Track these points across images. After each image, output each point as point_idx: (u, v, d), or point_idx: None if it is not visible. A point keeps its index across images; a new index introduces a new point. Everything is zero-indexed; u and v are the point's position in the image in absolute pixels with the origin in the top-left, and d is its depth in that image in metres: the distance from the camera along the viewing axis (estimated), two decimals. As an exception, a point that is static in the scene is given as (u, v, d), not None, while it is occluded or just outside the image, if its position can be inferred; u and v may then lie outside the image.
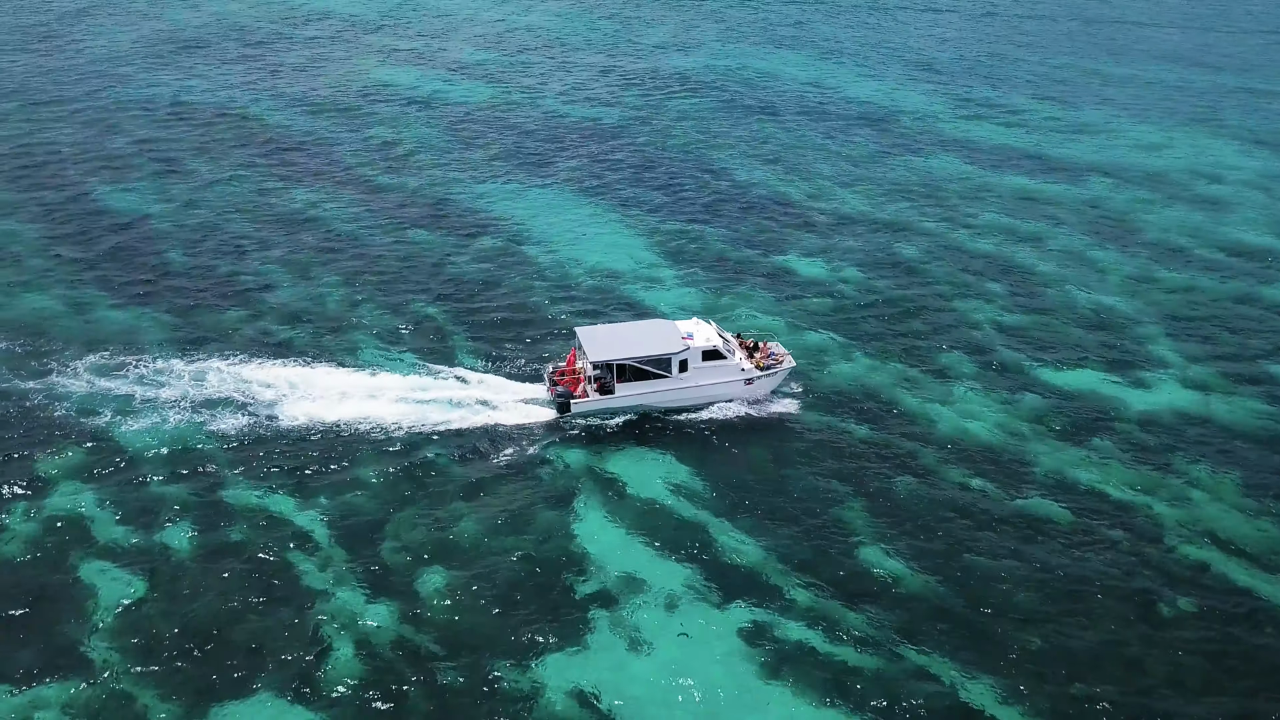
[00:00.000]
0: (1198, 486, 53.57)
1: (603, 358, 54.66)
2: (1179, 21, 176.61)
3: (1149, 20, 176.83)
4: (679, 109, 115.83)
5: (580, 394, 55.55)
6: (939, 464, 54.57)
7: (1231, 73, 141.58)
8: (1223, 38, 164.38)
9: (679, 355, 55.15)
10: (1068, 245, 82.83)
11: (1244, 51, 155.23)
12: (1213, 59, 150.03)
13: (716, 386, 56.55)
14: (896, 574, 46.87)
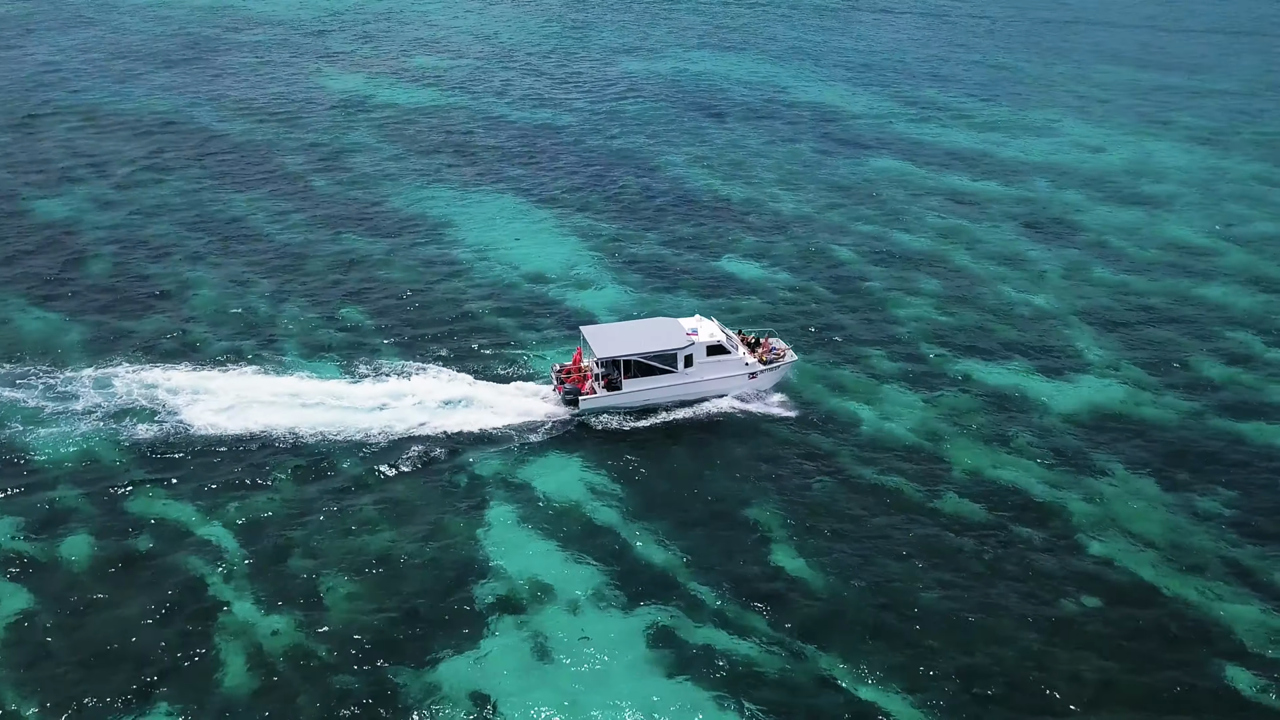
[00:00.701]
0: (1113, 484, 53.61)
1: (609, 354, 55.38)
2: (1131, 21, 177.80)
3: (1101, 20, 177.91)
4: (624, 112, 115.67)
5: (588, 390, 56.13)
6: (857, 463, 54.40)
7: (1181, 72, 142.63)
8: (1174, 38, 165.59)
9: (684, 351, 56.06)
10: (1003, 244, 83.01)
11: (1194, 51, 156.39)
12: (1162, 59, 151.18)
13: (721, 381, 57.44)
14: (804, 574, 46.62)
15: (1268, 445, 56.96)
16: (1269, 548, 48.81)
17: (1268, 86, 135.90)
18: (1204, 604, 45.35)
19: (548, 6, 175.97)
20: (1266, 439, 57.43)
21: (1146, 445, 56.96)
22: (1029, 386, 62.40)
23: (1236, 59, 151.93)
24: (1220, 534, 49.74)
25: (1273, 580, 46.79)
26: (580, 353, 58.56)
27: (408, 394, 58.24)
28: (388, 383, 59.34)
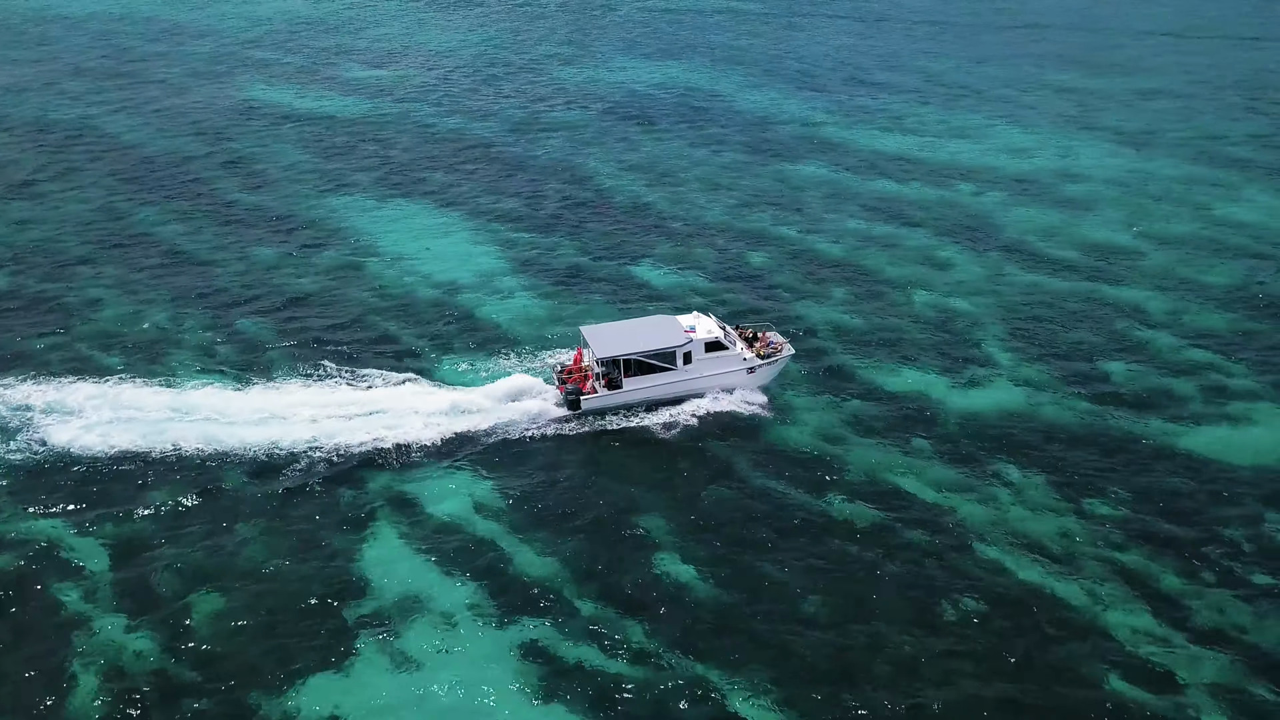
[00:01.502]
0: (1008, 487, 53.18)
1: (609, 354, 55.60)
2: (1072, 24, 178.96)
3: (1042, 23, 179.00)
4: (555, 120, 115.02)
5: (589, 390, 56.33)
6: (751, 469, 53.71)
7: (1117, 74, 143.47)
8: (1115, 39, 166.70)
9: (683, 348, 56.36)
10: (921, 247, 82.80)
11: (1134, 53, 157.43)
12: (1100, 61, 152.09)
13: (720, 376, 57.73)
14: (686, 582, 45.85)
15: (1164, 446, 56.72)
16: (1155, 550, 48.50)
17: (1202, 88, 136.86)
18: (1086, 608, 44.91)
19: (486, 16, 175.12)
20: (1163, 440, 57.22)
21: (1045, 447, 56.60)
22: (933, 389, 62.00)
23: (1175, 60, 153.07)
24: (1108, 536, 49.39)
25: (1156, 583, 46.45)
26: (581, 353, 58.65)
27: (298, 407, 57.07)
28: (277, 395, 58.22)
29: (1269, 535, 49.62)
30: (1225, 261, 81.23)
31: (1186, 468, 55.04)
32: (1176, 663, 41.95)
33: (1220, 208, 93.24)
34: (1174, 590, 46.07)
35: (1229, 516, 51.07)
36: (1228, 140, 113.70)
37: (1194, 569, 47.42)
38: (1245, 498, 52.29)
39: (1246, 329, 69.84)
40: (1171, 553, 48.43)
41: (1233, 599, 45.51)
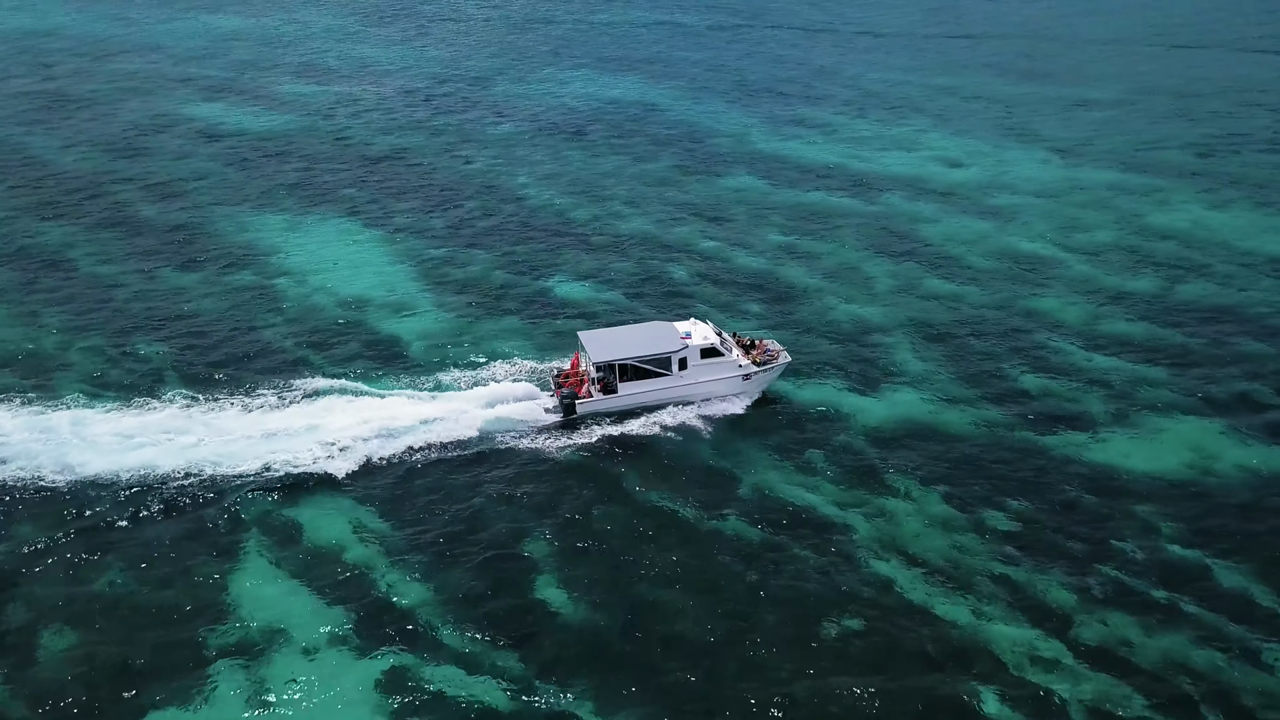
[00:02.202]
0: (907, 501, 52.14)
1: (605, 358, 55.80)
2: (1017, 33, 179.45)
3: (986, 33, 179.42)
4: (486, 134, 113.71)
5: (585, 394, 56.31)
6: (644, 488, 52.42)
7: (1054, 83, 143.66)
8: (1057, 48, 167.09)
9: (679, 354, 56.70)
10: (842, 259, 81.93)
11: (1075, 61, 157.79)
12: (1041, 69, 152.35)
13: (716, 383, 57.99)
14: (564, 608, 44.47)
15: (1068, 458, 55.90)
16: (1047, 565, 47.58)
17: (1140, 95, 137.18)
18: (970, 624, 43.83)
19: (424, 31, 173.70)
20: (1068, 451, 56.40)
21: (946, 459, 55.63)
22: (839, 401, 61.02)
23: (1113, 68, 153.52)
24: (1000, 550, 48.41)
25: (1043, 598, 45.46)
26: (578, 358, 58.71)
27: (184, 429, 55.32)
28: (164, 417, 56.38)
29: (1162, 548, 48.79)
30: (1148, 270, 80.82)
31: (1089, 479, 54.22)
32: (1057, 682, 40.94)
33: (1148, 216, 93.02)
34: (1063, 606, 45.07)
35: (1125, 529, 50.25)
36: (1161, 148, 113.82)
37: (1085, 584, 46.50)
38: (1143, 510, 51.54)
39: (1162, 338, 69.35)
40: (1064, 567, 47.49)
41: (1120, 615, 44.64)
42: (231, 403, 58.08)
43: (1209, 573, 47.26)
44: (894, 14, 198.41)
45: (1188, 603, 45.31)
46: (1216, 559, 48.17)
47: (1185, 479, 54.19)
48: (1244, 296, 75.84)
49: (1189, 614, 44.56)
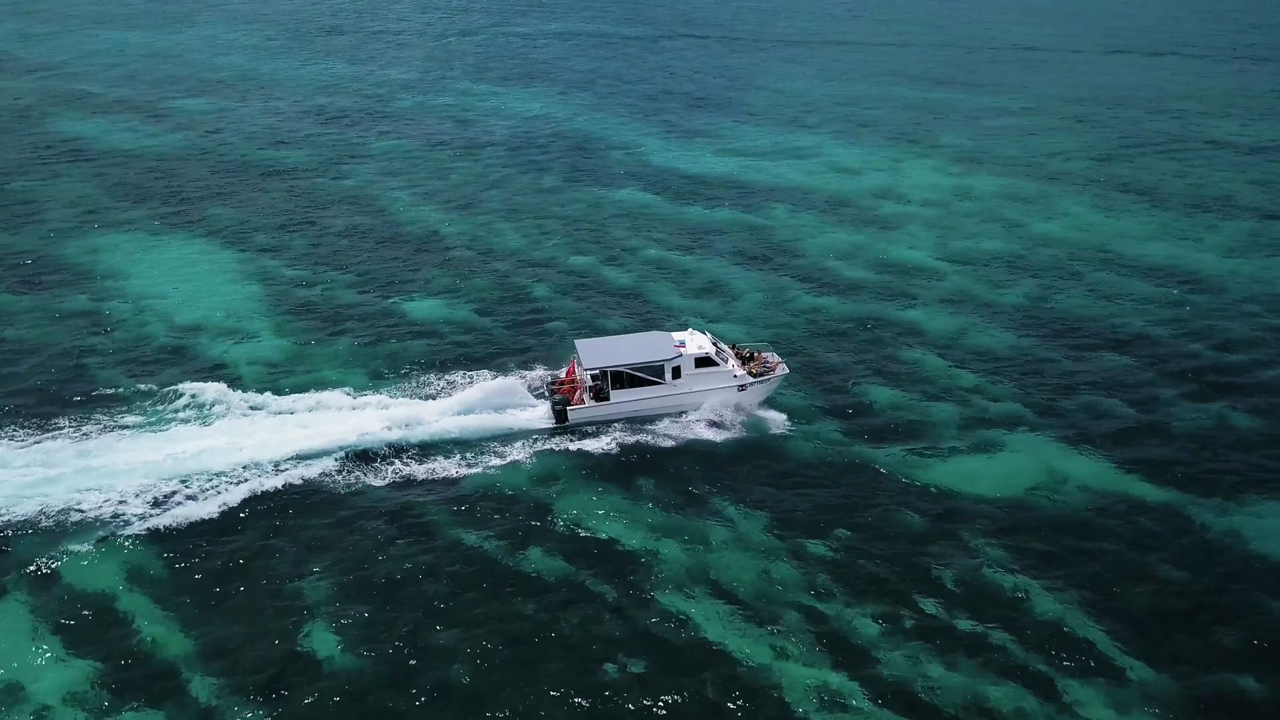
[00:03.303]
0: (725, 528, 49.62)
1: (596, 365, 55.34)
2: (938, 41, 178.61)
3: (901, 42, 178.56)
4: (368, 149, 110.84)
5: (577, 401, 55.85)
6: (450, 520, 49.60)
7: (967, 91, 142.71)
8: (973, 56, 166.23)
9: (672, 362, 56.04)
10: (714, 274, 79.52)
11: (991, 69, 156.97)
12: (959, 76, 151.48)
13: (710, 393, 57.05)
14: (330, 654, 41.50)
15: (905, 479, 53.73)
16: (861, 595, 45.15)
17: (1050, 102, 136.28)
18: (763, 663, 41.23)
19: (333, 45, 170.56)
20: (906, 472, 54.14)
21: (778, 482, 53.18)
22: (673, 423, 58.14)
23: (1029, 76, 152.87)
24: (815, 581, 45.96)
25: (849, 633, 42.99)
26: (574, 365, 58.33)
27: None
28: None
29: (983, 575, 46.48)
30: (1023, 279, 79.09)
31: (923, 502, 51.88)
32: (845, 725, 38.15)
33: (1034, 224, 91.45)
34: (868, 640, 42.51)
35: (950, 555, 47.89)
36: (1061, 155, 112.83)
37: (897, 615, 44.00)
38: (973, 534, 49.25)
39: (1024, 351, 67.57)
40: (878, 598, 45.01)
41: (926, 649, 42.11)
42: (39, 434, 54.71)
43: (1025, 602, 44.97)
44: (818, 22, 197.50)
45: (998, 634, 42.90)
46: (1038, 586, 45.92)
47: (1023, 500, 52.06)
48: (1114, 306, 74.29)
49: (996, 647, 42.20)
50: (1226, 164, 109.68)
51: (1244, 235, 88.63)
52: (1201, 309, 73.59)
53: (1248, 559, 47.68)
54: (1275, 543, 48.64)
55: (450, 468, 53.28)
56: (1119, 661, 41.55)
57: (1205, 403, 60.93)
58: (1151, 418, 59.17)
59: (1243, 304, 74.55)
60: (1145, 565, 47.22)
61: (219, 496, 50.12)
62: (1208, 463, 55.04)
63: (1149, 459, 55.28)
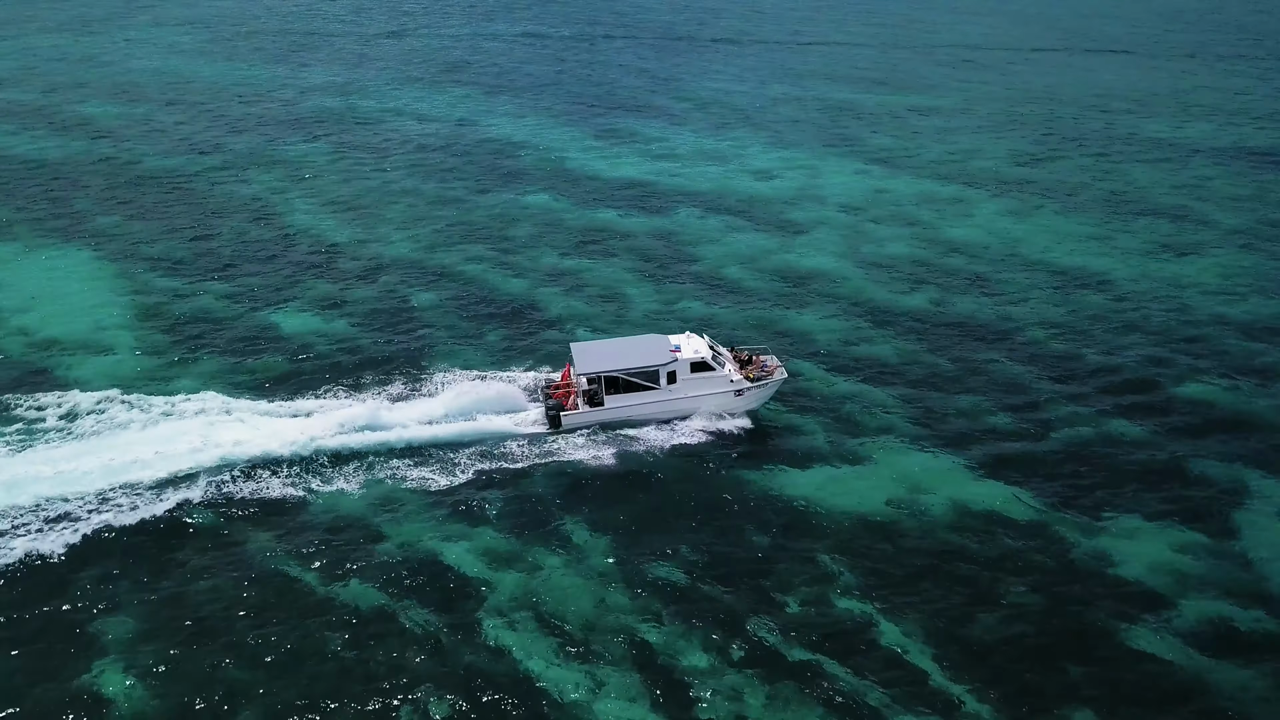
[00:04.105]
0: (567, 551, 47.27)
1: (591, 370, 54.43)
2: (884, 43, 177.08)
3: (836, 41, 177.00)
4: (276, 154, 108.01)
5: (571, 406, 54.98)
6: (267, 550, 46.81)
7: (902, 91, 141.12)
8: (907, 57, 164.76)
9: (667, 367, 55.13)
10: (607, 281, 77.28)
11: (932, 69, 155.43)
12: (893, 77, 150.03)
13: (706, 398, 56.16)
14: (118, 696, 38.70)
15: (766, 496, 51.83)
16: (694, 621, 43.21)
17: (982, 102, 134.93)
18: (573, 700, 39.05)
19: (260, 48, 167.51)
20: (769, 488, 52.25)
21: (633, 499, 51.16)
22: (531, 440, 55.74)
23: (968, 75, 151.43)
24: (649, 608, 44.08)
25: (674, 663, 41.16)
26: (569, 368, 57.26)
27: None
28: None
29: (830, 600, 44.47)
30: (924, 285, 77.21)
31: (783, 519, 49.84)
32: (650, 767, 35.79)
33: (946, 228, 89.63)
34: (692, 671, 40.25)
35: (798, 577, 45.80)
36: (984, 156, 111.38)
37: (728, 644, 41.75)
38: (828, 554, 47.22)
39: (911, 358, 65.80)
40: (712, 626, 42.85)
41: (751, 681, 39.84)
42: None
43: (869, 628, 42.86)
44: (757, 22, 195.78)
45: (831, 664, 40.73)
46: (885, 612, 43.79)
47: (887, 518, 49.95)
48: (1012, 312, 72.75)
49: (827, 678, 40.10)
50: (1152, 164, 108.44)
51: (1156, 238, 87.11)
52: (1101, 316, 71.90)
53: (1107, 584, 45.73)
54: (1139, 566, 46.66)
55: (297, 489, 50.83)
56: (955, 696, 39.44)
57: (1092, 414, 59.00)
58: (1033, 429, 57.31)
59: (1144, 310, 72.96)
60: (1000, 589, 45.15)
61: (64, 527, 47.33)
62: (1084, 478, 53.14)
63: (1024, 473, 53.39)
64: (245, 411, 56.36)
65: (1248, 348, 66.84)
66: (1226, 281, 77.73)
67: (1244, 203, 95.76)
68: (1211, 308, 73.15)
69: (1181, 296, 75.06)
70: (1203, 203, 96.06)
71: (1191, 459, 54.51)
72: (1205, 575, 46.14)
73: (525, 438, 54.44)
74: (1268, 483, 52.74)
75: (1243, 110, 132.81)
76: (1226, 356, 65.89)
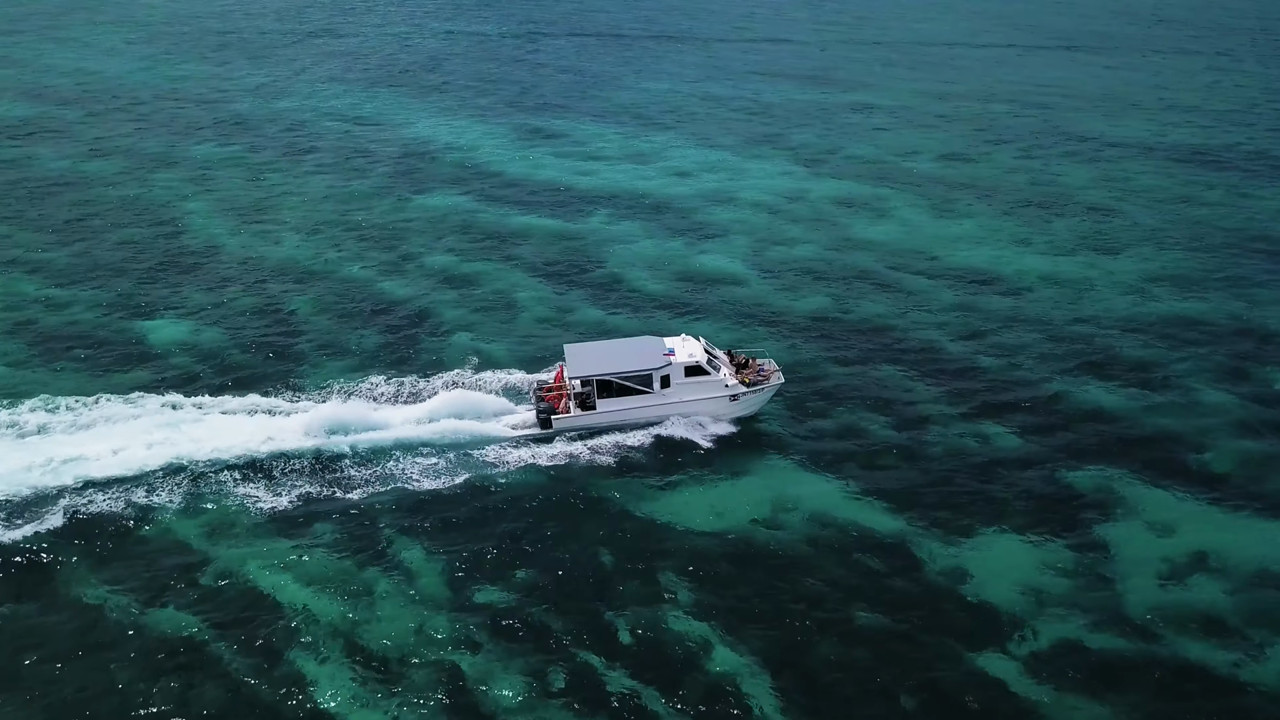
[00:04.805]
0: (398, 575, 44.70)
1: (583, 373, 53.19)
2: (820, 37, 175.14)
3: (779, 36, 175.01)
4: (185, 156, 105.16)
5: (562, 409, 53.58)
6: (78, 579, 43.96)
7: (840, 89, 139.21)
8: (862, 51, 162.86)
9: (660, 371, 53.84)
10: (501, 285, 74.93)
11: (875, 66, 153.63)
12: (834, 75, 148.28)
13: (700, 403, 54.82)
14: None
15: (623, 512, 49.25)
16: (514, 650, 41.06)
17: (920, 100, 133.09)
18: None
19: (179, 43, 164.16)
20: (626, 504, 49.60)
21: (481, 518, 48.32)
22: (386, 455, 53.19)
23: (910, 72, 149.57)
24: (469, 636, 41.74)
25: (483, 694, 38.71)
26: (562, 370, 55.98)
27: None
28: None
29: (664, 623, 41.96)
30: (827, 287, 75.22)
31: (627, 536, 47.65)
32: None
33: (859, 228, 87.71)
34: (503, 705, 38.04)
35: (636, 600, 43.49)
36: (913, 154, 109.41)
37: (546, 672, 39.31)
38: (671, 574, 44.92)
39: (798, 363, 63.64)
40: (535, 651, 40.57)
41: (565, 714, 37.14)
42: None
43: (702, 655, 40.65)
44: (704, 20, 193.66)
45: (651, 694, 38.47)
46: (723, 636, 41.63)
47: (742, 535, 47.78)
48: (913, 316, 70.88)
49: (646, 712, 37.58)
50: (1081, 162, 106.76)
51: (1073, 239, 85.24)
52: (1002, 319, 70.00)
53: (962, 605, 43.55)
54: (995, 586, 44.45)
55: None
56: (777, 726, 36.93)
57: (973, 422, 57.08)
58: (913, 443, 55.14)
59: (1046, 314, 71.03)
60: (848, 611, 43.00)
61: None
62: (958, 493, 50.97)
63: (893, 486, 51.24)
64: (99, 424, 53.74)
65: (1142, 356, 64.89)
66: (1136, 284, 75.90)
67: (1168, 203, 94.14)
68: (1117, 311, 71.27)
69: (1086, 300, 73.17)
70: (1127, 203, 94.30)
71: (1070, 471, 52.50)
72: (1065, 595, 43.99)
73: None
74: (1144, 495, 50.68)
75: (1176, 106, 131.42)
76: (1121, 364, 63.97)
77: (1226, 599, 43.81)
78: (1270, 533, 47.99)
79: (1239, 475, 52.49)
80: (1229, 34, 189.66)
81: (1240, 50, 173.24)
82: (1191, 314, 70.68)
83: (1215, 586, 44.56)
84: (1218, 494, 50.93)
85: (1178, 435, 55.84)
